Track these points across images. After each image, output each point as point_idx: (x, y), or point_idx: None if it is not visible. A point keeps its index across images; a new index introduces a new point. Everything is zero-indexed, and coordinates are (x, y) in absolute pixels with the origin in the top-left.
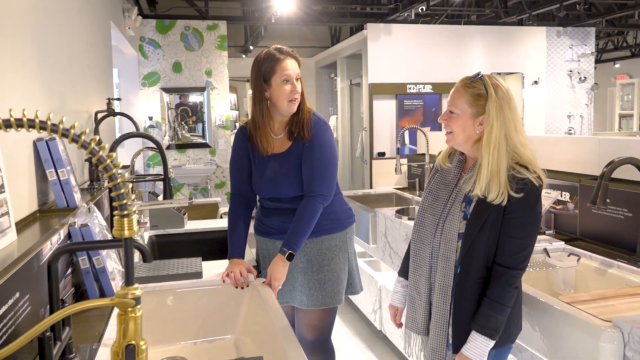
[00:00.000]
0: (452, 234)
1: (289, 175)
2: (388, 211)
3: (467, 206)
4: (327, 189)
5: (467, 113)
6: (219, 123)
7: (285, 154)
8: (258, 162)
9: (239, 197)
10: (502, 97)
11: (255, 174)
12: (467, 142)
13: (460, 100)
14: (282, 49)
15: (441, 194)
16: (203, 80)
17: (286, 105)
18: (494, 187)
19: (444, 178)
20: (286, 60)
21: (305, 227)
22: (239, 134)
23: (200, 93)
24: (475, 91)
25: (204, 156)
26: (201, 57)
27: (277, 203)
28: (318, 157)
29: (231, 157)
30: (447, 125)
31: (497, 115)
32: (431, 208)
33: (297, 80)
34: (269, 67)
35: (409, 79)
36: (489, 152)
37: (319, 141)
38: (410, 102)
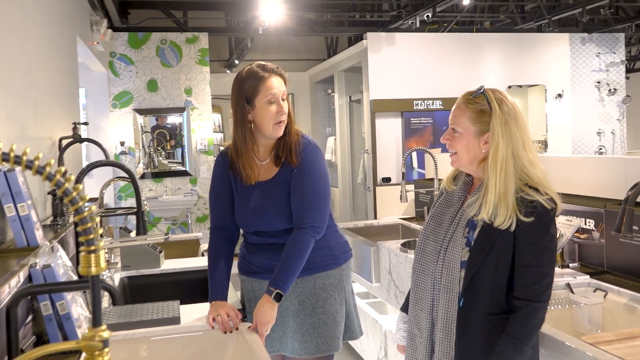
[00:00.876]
0: (454, 263)
1: (277, 206)
2: (392, 244)
3: (470, 232)
4: (320, 220)
5: (470, 131)
6: (201, 148)
7: (271, 182)
8: (241, 191)
9: (220, 232)
10: (508, 113)
11: (238, 205)
12: (473, 163)
13: (462, 117)
14: (265, 65)
15: (444, 218)
16: (182, 100)
17: (272, 128)
18: (502, 211)
19: (448, 201)
20: (271, 79)
21: (295, 264)
22: (219, 160)
23: (179, 114)
24: (477, 107)
25: (184, 186)
26: (180, 74)
27: (263, 237)
28: (308, 185)
29: (211, 187)
30: (450, 146)
31: (503, 132)
32: (433, 234)
33: (284, 100)
34: (252, 86)
35: (416, 94)
36: (496, 173)
37: (309, 167)
38: (417, 120)
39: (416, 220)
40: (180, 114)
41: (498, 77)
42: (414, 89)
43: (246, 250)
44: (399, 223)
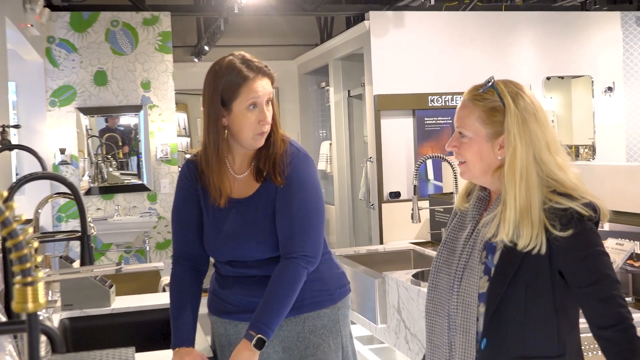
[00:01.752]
0: (469, 295)
1: (257, 230)
2: (402, 276)
3: (489, 256)
4: (313, 248)
5: (481, 135)
6: (162, 156)
7: (251, 200)
8: (213, 211)
9: (185, 261)
10: (525, 108)
11: (209, 228)
12: (487, 173)
13: (469, 118)
14: (251, 62)
15: (457, 243)
16: (139, 96)
17: (251, 138)
18: (525, 230)
19: (461, 223)
20: (256, 81)
21: (282, 302)
22: (184, 171)
23: (134, 114)
24: (488, 104)
25: (140, 204)
26: (135, 64)
27: (239, 269)
28: (298, 205)
29: (174, 205)
30: (458, 154)
31: (521, 132)
32: (446, 265)
33: (268, 103)
34: (231, 86)
35: (431, 87)
36: (515, 183)
37: (299, 181)
38: (433, 120)
39: (431, 245)
40: (135, 114)
41: (533, 66)
42: (429, 81)
43: (218, 284)
44: (410, 249)
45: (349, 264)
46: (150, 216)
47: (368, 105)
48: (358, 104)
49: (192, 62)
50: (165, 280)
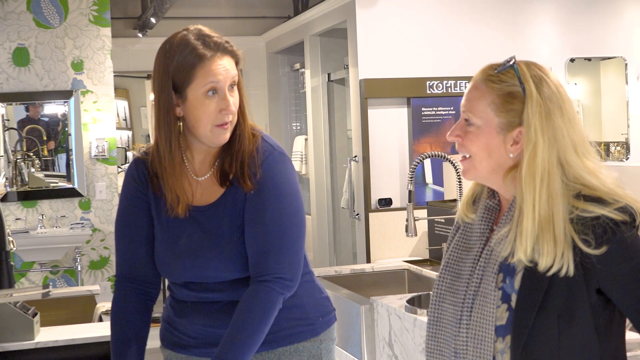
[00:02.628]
0: (483, 329)
1: (222, 245)
2: (394, 301)
3: (507, 279)
4: (291, 270)
5: (492, 124)
6: (98, 153)
7: (214, 208)
8: (167, 222)
9: (130, 283)
10: (550, 98)
11: (162, 243)
12: (497, 173)
13: (480, 102)
14: (209, 38)
15: (463, 265)
16: (68, 79)
17: (210, 132)
18: (546, 247)
19: (466, 239)
20: (215, 61)
21: (251, 335)
22: (132, 173)
23: (63, 101)
24: (504, 88)
25: (71, 212)
26: (64, 39)
27: (199, 293)
28: (273, 215)
29: (118, 214)
30: (461, 145)
31: (543, 126)
32: (451, 292)
33: (233, 88)
34: (184, 67)
35: (430, 71)
36: (534, 189)
37: (274, 187)
38: (432, 110)
39: (430, 263)
40: (65, 101)
41: (555, 45)
42: (427, 63)
43: (173, 311)
44: (403, 268)
45: (329, 286)
46: (82, 228)
47: (352, 92)
48: (340, 91)
49: (135, 38)
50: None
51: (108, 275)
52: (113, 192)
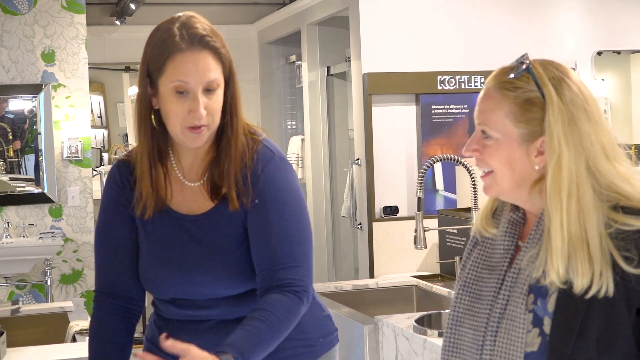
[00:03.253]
0: (511, 356)
1: (216, 259)
2: (401, 320)
3: (538, 301)
4: (308, 280)
5: (512, 136)
6: (71, 155)
7: (207, 217)
8: (154, 232)
9: (111, 299)
10: (572, 101)
11: (148, 255)
12: (522, 187)
13: (496, 113)
14: (191, 27)
15: (484, 286)
16: (38, 72)
17: (181, 134)
18: (581, 267)
19: (487, 256)
20: (186, 56)
21: (274, 336)
22: (114, 177)
23: (32, 96)
24: (521, 95)
25: (40, 220)
26: (34, 27)
27: (188, 310)
28: (280, 228)
29: (98, 222)
30: (481, 160)
31: (567, 134)
32: (470, 315)
33: (210, 92)
34: (156, 57)
35: (441, 64)
36: (561, 204)
37: (277, 197)
38: (443, 108)
39: (441, 279)
40: (34, 96)
41: (581, 37)
42: (439, 56)
43: (158, 330)
44: (411, 284)
45: (329, 304)
46: (53, 238)
47: (355, 88)
48: (341, 86)
49: (112, 26)
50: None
51: (81, 291)
52: (87, 198)
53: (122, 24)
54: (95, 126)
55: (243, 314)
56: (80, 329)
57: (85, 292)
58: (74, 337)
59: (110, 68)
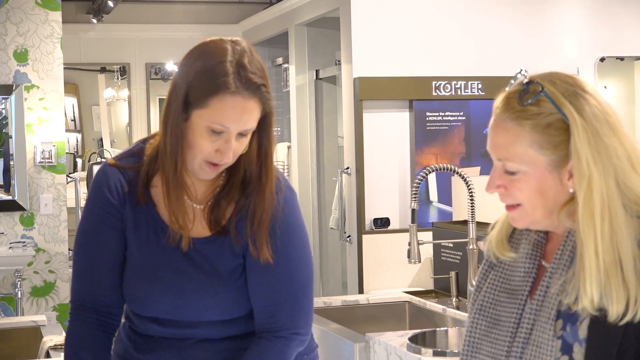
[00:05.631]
0: None
1: (215, 286)
2: (394, 338)
3: (567, 326)
4: (306, 323)
5: (541, 165)
6: (43, 160)
7: (210, 242)
8: (148, 249)
9: (88, 313)
10: (594, 115)
11: (138, 274)
12: (553, 214)
13: (518, 146)
14: (246, 68)
15: (504, 310)
16: (10, 71)
17: (197, 166)
18: (615, 294)
19: (505, 279)
20: (237, 100)
21: None
22: (104, 180)
23: (2, 97)
24: (540, 121)
25: (10, 229)
26: (6, 24)
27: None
28: (284, 265)
29: (81, 231)
30: (507, 196)
31: (594, 153)
32: (488, 341)
33: (241, 137)
34: (201, 88)
35: (437, 69)
36: (594, 229)
37: (286, 235)
38: (438, 115)
39: (435, 295)
40: (4, 98)
41: (583, 42)
42: (434, 60)
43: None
44: (404, 300)
45: (317, 320)
46: (24, 248)
47: (345, 93)
48: (330, 90)
49: (89, 24)
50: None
51: (54, 304)
52: (61, 206)
53: (99, 22)
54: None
55: (229, 334)
56: (55, 344)
57: (58, 305)
58: (48, 353)
59: (85, 69)
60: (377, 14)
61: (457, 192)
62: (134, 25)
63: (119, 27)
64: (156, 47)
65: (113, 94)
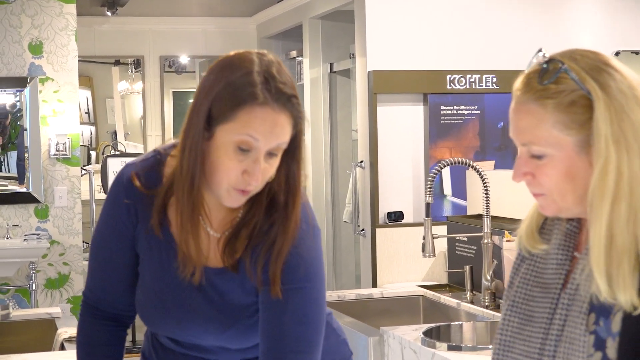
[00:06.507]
0: None
1: (229, 319)
2: (408, 332)
3: (600, 320)
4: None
5: (567, 147)
6: (58, 153)
7: (221, 273)
8: (161, 272)
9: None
10: (620, 90)
11: (149, 294)
12: (583, 199)
13: (541, 128)
14: (275, 78)
15: (537, 306)
16: (25, 64)
17: (225, 192)
18: (622, 280)
19: (538, 272)
20: (266, 111)
21: None
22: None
23: (16, 90)
24: (563, 99)
25: (25, 221)
26: (21, 16)
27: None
28: (300, 305)
29: (97, 231)
30: (535, 184)
31: (617, 131)
32: (520, 339)
33: (270, 157)
34: (227, 100)
35: (451, 63)
36: (602, 212)
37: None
38: (453, 109)
39: (449, 289)
40: (19, 90)
41: (598, 35)
42: (449, 54)
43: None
44: (418, 294)
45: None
46: (38, 240)
47: (359, 86)
48: (344, 84)
49: (103, 17)
50: (65, 333)
51: (68, 296)
52: (75, 198)
53: (114, 15)
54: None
55: (247, 357)
56: (69, 336)
57: (72, 297)
58: (63, 345)
59: (99, 61)
60: (392, 7)
61: (472, 186)
62: (148, 18)
63: (133, 20)
64: (170, 39)
65: (127, 86)
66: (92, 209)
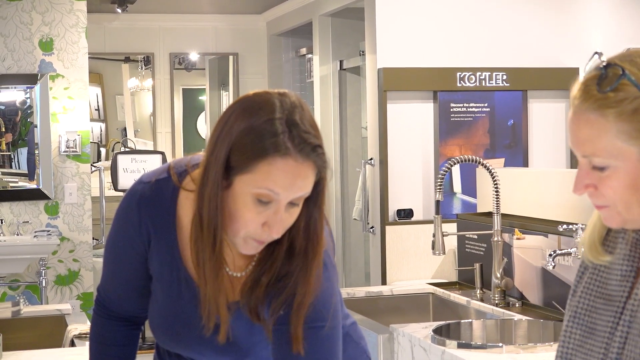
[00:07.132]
0: None
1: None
2: (418, 330)
3: None
4: None
5: (632, 157)
6: (68, 149)
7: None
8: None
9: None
10: None
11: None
12: None
13: (604, 139)
14: (299, 127)
15: (599, 318)
16: (35, 61)
17: (242, 240)
18: None
19: (601, 283)
20: (289, 162)
21: None
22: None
23: (27, 86)
24: (625, 107)
25: (35, 218)
26: (32, 13)
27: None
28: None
29: (110, 242)
30: (598, 196)
31: None
32: (582, 352)
33: (291, 207)
34: (246, 149)
35: (461, 60)
36: None
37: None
38: (463, 107)
39: (459, 287)
40: (29, 87)
41: (609, 33)
42: (459, 51)
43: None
44: (428, 292)
45: None
46: (48, 237)
47: (369, 83)
48: (354, 81)
49: (114, 14)
50: (75, 330)
51: (78, 293)
52: (85, 195)
53: (124, 12)
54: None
55: None
56: (79, 332)
57: (82, 294)
58: (73, 342)
59: (109, 58)
60: (402, 4)
61: (482, 183)
62: (158, 15)
63: (143, 17)
64: (180, 37)
65: (137, 83)
66: (102, 206)
